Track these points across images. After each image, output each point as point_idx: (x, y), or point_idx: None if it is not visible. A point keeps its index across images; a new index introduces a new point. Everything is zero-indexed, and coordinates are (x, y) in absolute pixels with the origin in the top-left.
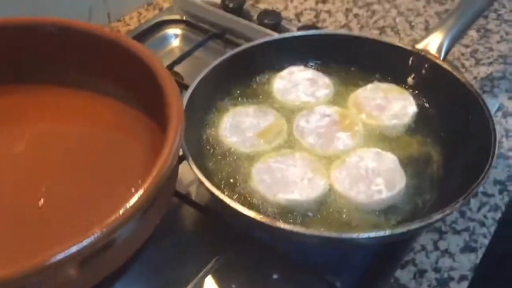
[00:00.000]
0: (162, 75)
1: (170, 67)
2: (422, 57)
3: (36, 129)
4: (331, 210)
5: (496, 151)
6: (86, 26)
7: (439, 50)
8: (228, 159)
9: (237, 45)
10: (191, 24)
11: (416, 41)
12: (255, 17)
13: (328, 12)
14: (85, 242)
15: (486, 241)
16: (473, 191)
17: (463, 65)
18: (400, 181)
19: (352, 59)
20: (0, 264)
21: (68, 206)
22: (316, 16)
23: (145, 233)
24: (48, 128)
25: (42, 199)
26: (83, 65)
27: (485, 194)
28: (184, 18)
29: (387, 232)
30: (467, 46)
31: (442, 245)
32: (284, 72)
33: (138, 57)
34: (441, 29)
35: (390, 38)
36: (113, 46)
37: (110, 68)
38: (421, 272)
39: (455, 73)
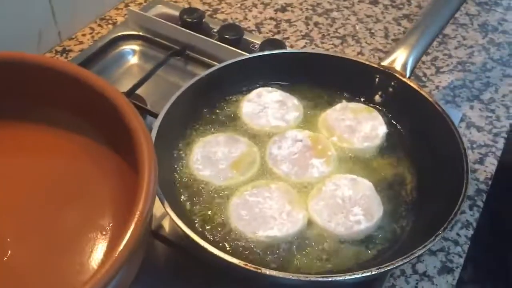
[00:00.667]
0: (129, 114)
1: (132, 90)
2: (388, 75)
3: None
4: (312, 243)
5: (469, 181)
6: (46, 60)
7: (404, 67)
8: (202, 193)
9: (199, 61)
10: (148, 40)
11: (380, 58)
12: (215, 30)
13: (288, 21)
14: None
15: (461, 260)
16: (450, 223)
17: (424, 74)
18: (377, 209)
19: (319, 77)
20: None
21: (36, 257)
22: (277, 26)
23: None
24: (12, 166)
25: (9, 251)
26: (48, 100)
27: None
28: (140, 33)
29: (374, 271)
30: (427, 54)
31: (420, 268)
32: (252, 95)
33: (104, 95)
34: (405, 45)
35: (353, 49)
36: (77, 83)
37: (75, 104)
38: None
39: (421, 91)
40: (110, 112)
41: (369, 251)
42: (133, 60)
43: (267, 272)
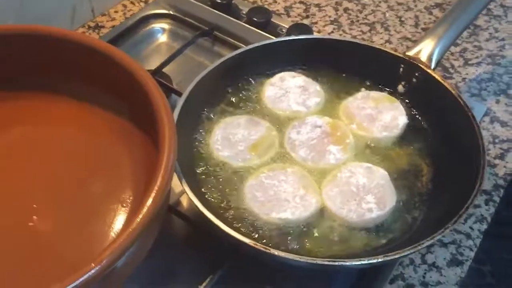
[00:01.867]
0: (154, 94)
1: (159, 68)
2: (413, 65)
3: (26, 136)
4: (323, 228)
5: (485, 177)
6: (77, 36)
7: (430, 58)
8: (220, 173)
9: (226, 43)
10: (178, 19)
11: (408, 47)
12: (244, 12)
13: (318, 6)
14: (83, 278)
15: (472, 254)
16: (460, 217)
17: (452, 66)
18: (390, 199)
19: (343, 64)
20: None
21: (60, 224)
22: (306, 10)
23: (138, 259)
24: (38, 135)
25: (34, 217)
26: (75, 74)
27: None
28: (171, 12)
29: (380, 259)
30: (456, 45)
31: (430, 258)
32: (275, 79)
33: (131, 73)
34: (432, 36)
35: (381, 36)
36: (105, 59)
37: (102, 79)
38: (409, 287)
39: (444, 83)
40: (135, 89)
41: (379, 239)
42: (162, 38)
43: (276, 252)
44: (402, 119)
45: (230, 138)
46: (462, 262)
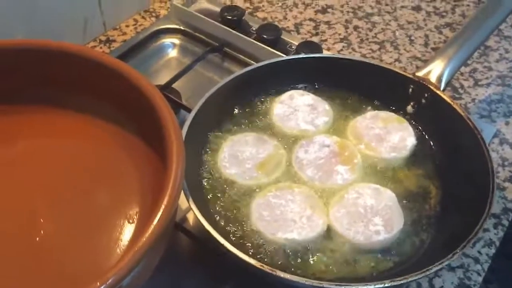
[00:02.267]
0: (162, 110)
1: (169, 84)
2: (422, 86)
3: (31, 148)
4: (329, 249)
5: (494, 201)
6: (88, 52)
7: (439, 79)
8: (227, 191)
9: (236, 59)
10: (188, 34)
11: (418, 67)
12: (254, 28)
13: (328, 23)
14: None
15: (480, 279)
16: (469, 242)
17: (461, 86)
18: (398, 222)
19: (352, 83)
20: None
21: (66, 239)
22: (315, 27)
23: (144, 277)
24: (44, 148)
25: (41, 231)
26: (82, 88)
27: None
28: (181, 27)
29: (387, 283)
30: (466, 65)
31: (437, 282)
32: (284, 97)
33: (139, 89)
34: (442, 57)
35: (390, 55)
36: (114, 74)
37: (110, 94)
38: None
39: (454, 105)
40: (143, 105)
41: (386, 262)
42: (172, 53)
43: (281, 275)
44: (410, 140)
45: (238, 156)
46: (470, 287)
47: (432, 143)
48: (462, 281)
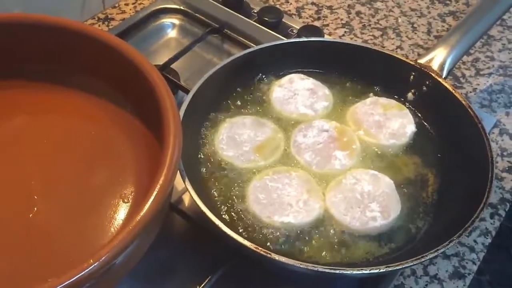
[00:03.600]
0: (161, 90)
1: (167, 64)
2: (424, 73)
3: (29, 125)
4: (325, 234)
5: (493, 190)
6: (86, 28)
7: (442, 67)
8: (224, 173)
9: (236, 41)
10: (188, 15)
11: (419, 54)
12: (255, 11)
13: (330, 8)
14: (80, 274)
15: (474, 267)
16: (465, 230)
17: (463, 75)
18: (395, 208)
19: (353, 69)
20: None
21: (60, 217)
22: (317, 12)
23: (138, 257)
24: (41, 125)
25: (35, 208)
26: (80, 66)
27: None
28: (181, 7)
29: (382, 269)
30: (468, 54)
31: (432, 270)
32: (284, 80)
33: (138, 68)
34: (445, 45)
35: (392, 42)
36: (113, 53)
37: (108, 72)
38: None
39: (455, 93)
40: (142, 84)
41: (381, 248)
42: (172, 33)
43: (276, 257)
44: (410, 127)
45: (235, 138)
46: (465, 275)
47: (431, 131)
48: (457, 269)
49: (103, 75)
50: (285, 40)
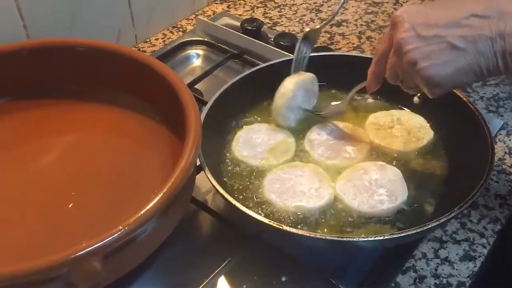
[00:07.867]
0: (183, 93)
1: (192, 84)
2: None
3: (65, 141)
4: (335, 217)
5: (491, 173)
6: (116, 47)
7: None
8: (241, 171)
9: (255, 64)
10: (211, 45)
11: None
12: (272, 39)
13: (342, 35)
14: (109, 238)
15: (485, 251)
16: (466, 203)
17: (469, 86)
18: (402, 193)
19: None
20: (34, 256)
21: (93, 209)
22: (330, 38)
23: (163, 234)
24: (76, 140)
25: (71, 203)
26: (112, 82)
27: (486, 207)
28: (205, 39)
29: (386, 236)
30: None
31: (443, 253)
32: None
33: (163, 77)
34: None
35: None
36: (140, 66)
37: (137, 86)
38: (421, 278)
39: (458, 92)
40: (171, 96)
41: (389, 230)
42: (197, 62)
43: (287, 229)
44: (428, 135)
45: (250, 141)
46: (475, 257)
47: (437, 132)
48: (468, 252)
49: (136, 91)
50: (291, 56)
